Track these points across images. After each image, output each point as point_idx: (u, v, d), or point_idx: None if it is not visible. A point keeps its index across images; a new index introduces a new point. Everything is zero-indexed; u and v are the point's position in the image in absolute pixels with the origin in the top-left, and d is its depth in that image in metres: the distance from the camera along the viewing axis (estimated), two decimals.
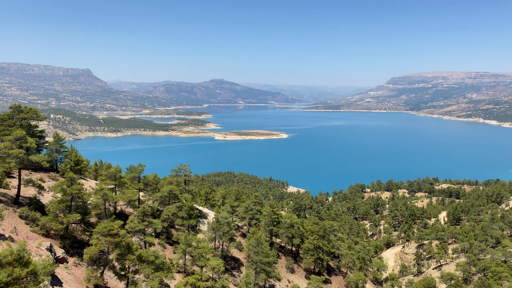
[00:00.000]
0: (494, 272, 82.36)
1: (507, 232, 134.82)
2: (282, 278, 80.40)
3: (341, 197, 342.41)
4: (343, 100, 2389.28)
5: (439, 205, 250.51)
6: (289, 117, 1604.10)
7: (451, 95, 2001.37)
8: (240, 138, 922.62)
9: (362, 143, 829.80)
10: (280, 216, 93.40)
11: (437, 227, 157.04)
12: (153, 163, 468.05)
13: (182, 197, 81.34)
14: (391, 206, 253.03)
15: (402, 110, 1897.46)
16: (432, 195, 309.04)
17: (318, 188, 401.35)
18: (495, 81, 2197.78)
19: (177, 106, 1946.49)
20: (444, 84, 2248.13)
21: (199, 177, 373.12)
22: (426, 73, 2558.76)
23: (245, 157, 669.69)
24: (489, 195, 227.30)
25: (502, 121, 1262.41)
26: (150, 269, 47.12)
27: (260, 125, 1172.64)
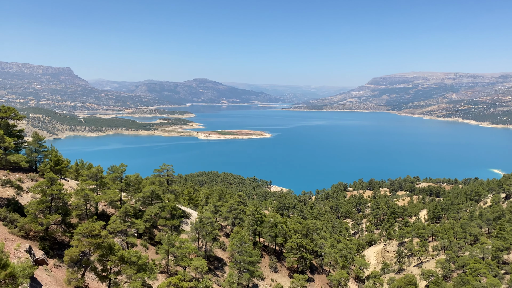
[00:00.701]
0: (473, 269, 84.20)
1: (485, 229, 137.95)
2: (265, 277, 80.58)
3: (324, 196, 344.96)
4: (325, 100, 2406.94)
5: (419, 204, 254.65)
6: (272, 116, 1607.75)
7: (431, 95, 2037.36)
8: (223, 138, 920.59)
9: (345, 143, 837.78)
10: (264, 215, 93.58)
11: (418, 225, 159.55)
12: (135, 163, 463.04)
13: (164, 197, 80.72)
14: (373, 204, 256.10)
15: (384, 110, 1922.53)
16: (413, 193, 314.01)
17: (301, 187, 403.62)
18: (473, 81, 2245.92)
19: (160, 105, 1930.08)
20: (425, 85, 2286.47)
21: (182, 177, 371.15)
22: (407, 73, 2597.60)
23: (228, 157, 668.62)
24: (467, 193, 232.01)
25: (480, 121, 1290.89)
26: (133, 270, 46.65)
27: (243, 124, 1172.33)
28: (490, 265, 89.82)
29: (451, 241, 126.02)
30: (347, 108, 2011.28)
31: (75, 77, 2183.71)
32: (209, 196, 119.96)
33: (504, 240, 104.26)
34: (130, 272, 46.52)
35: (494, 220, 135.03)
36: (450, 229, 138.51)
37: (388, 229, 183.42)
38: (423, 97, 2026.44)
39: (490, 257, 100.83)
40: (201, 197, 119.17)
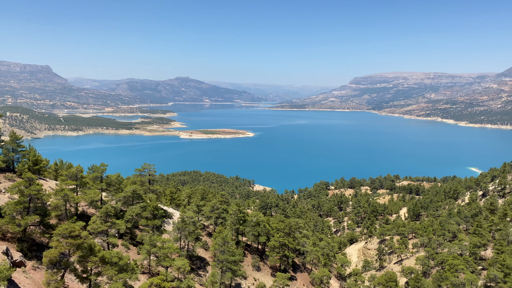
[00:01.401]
0: (451, 265, 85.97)
1: (463, 226, 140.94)
2: (248, 276, 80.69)
3: (306, 195, 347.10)
4: (308, 100, 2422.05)
5: (400, 202, 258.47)
6: (255, 115, 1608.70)
7: (411, 95, 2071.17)
8: (206, 137, 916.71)
9: (327, 142, 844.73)
10: (247, 214, 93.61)
11: (398, 223, 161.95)
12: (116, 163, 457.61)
13: (146, 197, 80.00)
14: (354, 203, 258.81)
15: (365, 109, 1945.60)
16: (393, 191, 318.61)
17: (284, 186, 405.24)
18: (452, 81, 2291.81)
19: (141, 104, 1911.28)
20: (405, 84, 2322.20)
21: (164, 176, 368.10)
22: (388, 73, 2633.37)
23: (211, 156, 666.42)
24: (446, 191, 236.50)
25: (459, 120, 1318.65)
26: (114, 270, 46.12)
27: (226, 123, 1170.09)
28: (467, 261, 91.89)
29: (430, 238, 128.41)
30: (329, 108, 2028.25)
31: (54, 75, 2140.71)
32: (191, 195, 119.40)
33: (481, 236, 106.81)
34: (111, 273, 45.98)
35: (471, 217, 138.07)
36: (430, 226, 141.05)
37: (369, 227, 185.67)
38: (403, 96, 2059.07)
39: (467, 254, 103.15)
40: (183, 197, 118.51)
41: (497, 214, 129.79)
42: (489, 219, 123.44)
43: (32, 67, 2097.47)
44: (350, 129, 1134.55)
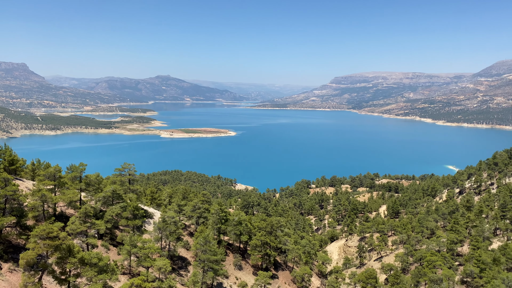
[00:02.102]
0: (429, 261, 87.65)
1: (441, 223, 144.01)
2: (230, 275, 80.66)
3: (287, 193, 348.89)
4: (289, 99, 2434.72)
5: (379, 199, 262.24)
6: (237, 114, 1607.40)
7: (390, 94, 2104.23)
8: (187, 136, 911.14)
9: (308, 141, 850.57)
10: (228, 213, 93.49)
11: (378, 220, 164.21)
12: (95, 162, 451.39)
13: (126, 197, 79.06)
14: (335, 201, 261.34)
15: (345, 108, 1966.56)
16: (373, 189, 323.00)
17: (266, 185, 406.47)
18: (430, 81, 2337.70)
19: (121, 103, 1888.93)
20: (384, 84, 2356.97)
21: (144, 176, 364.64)
22: (367, 73, 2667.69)
23: (192, 155, 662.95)
24: (424, 189, 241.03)
25: (436, 119, 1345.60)
26: (93, 271, 45.48)
27: (207, 122, 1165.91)
28: (445, 257, 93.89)
29: (409, 235, 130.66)
30: (310, 107, 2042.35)
31: (31, 73, 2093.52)
32: (172, 195, 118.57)
33: (458, 233, 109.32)
34: (90, 274, 45.34)
35: (449, 214, 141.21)
36: (408, 223, 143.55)
37: (349, 224, 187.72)
38: (383, 96, 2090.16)
39: (445, 250, 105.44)
40: (164, 197, 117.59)
41: (473, 211, 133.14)
42: (466, 216, 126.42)
43: (8, 64, 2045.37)
44: (331, 128, 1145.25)
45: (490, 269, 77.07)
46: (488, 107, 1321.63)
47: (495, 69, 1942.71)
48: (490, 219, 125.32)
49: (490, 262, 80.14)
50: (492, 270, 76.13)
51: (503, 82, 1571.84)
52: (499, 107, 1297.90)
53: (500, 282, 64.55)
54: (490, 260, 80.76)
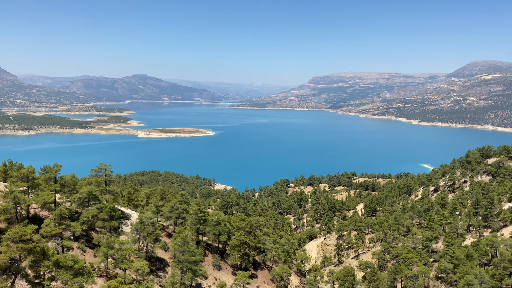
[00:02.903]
0: (405, 258, 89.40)
1: (416, 220, 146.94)
2: (209, 276, 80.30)
3: (267, 193, 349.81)
4: (268, 98, 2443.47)
5: (356, 198, 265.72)
6: (215, 114, 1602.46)
7: (367, 94, 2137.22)
8: (165, 136, 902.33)
9: (287, 140, 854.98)
10: (207, 214, 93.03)
11: (355, 219, 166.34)
12: (70, 163, 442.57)
13: (103, 198, 77.76)
14: (313, 200, 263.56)
15: (323, 108, 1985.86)
16: (350, 188, 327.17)
17: (245, 184, 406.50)
18: (405, 81, 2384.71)
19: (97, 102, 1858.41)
20: (361, 84, 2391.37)
21: (121, 176, 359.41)
22: (345, 73, 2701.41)
23: (170, 155, 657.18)
24: (400, 187, 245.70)
25: (412, 118, 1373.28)
26: (69, 274, 44.53)
27: (186, 122, 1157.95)
28: (420, 254, 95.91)
29: (385, 233, 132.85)
30: (288, 106, 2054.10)
31: (2, 71, 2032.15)
32: (150, 196, 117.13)
33: (433, 230, 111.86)
34: (66, 277, 44.37)
35: (424, 212, 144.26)
36: (385, 221, 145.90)
37: (327, 223, 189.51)
38: (360, 96, 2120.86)
39: (420, 247, 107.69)
40: (142, 197, 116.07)
41: (447, 208, 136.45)
42: (440, 213, 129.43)
43: None
44: (309, 127, 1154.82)
45: (464, 265, 79.15)
46: (461, 107, 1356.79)
47: (467, 70, 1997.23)
48: (463, 216, 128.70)
49: (464, 258, 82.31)
50: (465, 266, 78.20)
51: (475, 83, 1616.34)
52: (472, 107, 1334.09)
53: (473, 277, 66.35)
54: (464, 256, 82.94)
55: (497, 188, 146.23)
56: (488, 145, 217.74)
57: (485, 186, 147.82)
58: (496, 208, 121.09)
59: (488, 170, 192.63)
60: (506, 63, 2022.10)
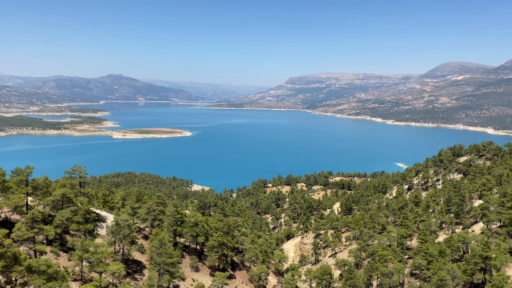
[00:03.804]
0: (381, 256, 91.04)
1: (391, 218, 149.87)
2: (186, 277, 79.79)
3: (244, 193, 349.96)
4: (245, 99, 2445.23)
5: (333, 197, 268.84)
6: (192, 114, 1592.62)
7: (343, 94, 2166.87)
8: (141, 137, 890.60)
9: (264, 140, 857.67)
10: (184, 215, 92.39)
11: (332, 217, 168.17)
12: (43, 165, 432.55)
13: (77, 201, 76.22)
14: (291, 199, 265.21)
15: (300, 108, 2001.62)
16: (327, 187, 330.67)
17: (222, 185, 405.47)
18: (380, 82, 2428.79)
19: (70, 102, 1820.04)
20: (337, 85, 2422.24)
21: (96, 178, 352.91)
22: (321, 74, 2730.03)
23: (146, 156, 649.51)
24: (376, 186, 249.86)
25: (386, 118, 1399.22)
26: (42, 279, 43.48)
27: (162, 122, 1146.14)
28: (395, 252, 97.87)
29: (361, 231, 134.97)
30: (266, 107, 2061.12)
31: None
32: (126, 197, 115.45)
33: (407, 228, 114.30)
34: (39, 282, 43.31)
35: (398, 210, 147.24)
36: (361, 220, 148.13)
37: (305, 222, 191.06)
38: (335, 96, 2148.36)
39: (395, 244, 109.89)
40: (117, 199, 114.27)
41: (421, 206, 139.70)
42: (414, 211, 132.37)
43: None
44: (287, 127, 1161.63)
45: (437, 261, 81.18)
46: (434, 107, 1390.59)
47: (439, 71, 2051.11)
48: (436, 213, 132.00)
49: (437, 254, 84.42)
50: (438, 262, 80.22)
51: (447, 83, 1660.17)
52: (444, 107, 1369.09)
53: (446, 273, 68.15)
54: (437, 253, 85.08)
55: (468, 185, 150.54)
56: (460, 144, 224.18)
57: (456, 184, 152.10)
58: (467, 205, 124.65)
59: (459, 168, 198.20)
60: (476, 64, 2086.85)
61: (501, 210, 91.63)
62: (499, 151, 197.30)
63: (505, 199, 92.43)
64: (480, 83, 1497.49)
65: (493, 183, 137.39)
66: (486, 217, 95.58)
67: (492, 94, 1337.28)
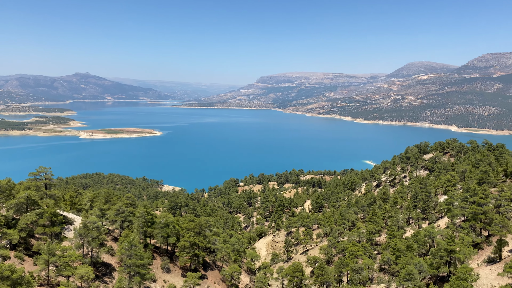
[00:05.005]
0: (351, 252, 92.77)
1: (360, 215, 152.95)
2: (157, 279, 78.89)
3: (216, 193, 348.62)
4: (216, 98, 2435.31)
5: (304, 195, 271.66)
6: (162, 114, 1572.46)
7: (313, 94, 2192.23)
8: (109, 137, 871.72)
9: (236, 139, 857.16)
10: (155, 216, 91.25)
11: (303, 215, 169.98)
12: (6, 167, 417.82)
13: (43, 203, 73.95)
14: (263, 198, 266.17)
15: (271, 107, 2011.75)
16: (298, 185, 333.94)
17: (194, 185, 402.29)
18: (348, 81, 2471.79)
19: (35, 102, 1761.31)
20: (307, 84, 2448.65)
21: (63, 180, 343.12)
22: (291, 73, 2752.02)
23: (115, 157, 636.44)
24: (345, 183, 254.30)
25: (355, 117, 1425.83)
26: (5, 285, 41.98)
27: (131, 122, 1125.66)
28: (365, 247, 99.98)
29: (332, 228, 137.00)
30: (237, 106, 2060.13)
31: None
32: (94, 199, 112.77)
33: (376, 224, 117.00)
34: None
35: (367, 207, 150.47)
36: (331, 217, 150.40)
37: (276, 220, 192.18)
38: (306, 95, 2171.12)
39: (365, 240, 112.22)
40: (85, 201, 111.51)
41: (389, 202, 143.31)
42: (382, 207, 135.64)
43: None
44: (258, 126, 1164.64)
45: (404, 256, 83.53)
46: (401, 106, 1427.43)
47: (406, 70, 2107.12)
48: (403, 209, 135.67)
49: (404, 249, 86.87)
50: (406, 257, 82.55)
51: (413, 82, 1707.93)
52: (410, 105, 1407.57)
53: (413, 267, 70.20)
54: (404, 248, 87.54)
55: (433, 182, 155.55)
56: (425, 142, 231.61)
57: (423, 181, 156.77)
58: (433, 201, 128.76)
59: (425, 165, 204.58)
60: (440, 64, 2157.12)
61: (464, 205, 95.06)
62: (462, 148, 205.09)
63: (468, 194, 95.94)
64: (444, 83, 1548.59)
65: (457, 179, 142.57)
66: (451, 212, 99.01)
67: (456, 93, 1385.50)
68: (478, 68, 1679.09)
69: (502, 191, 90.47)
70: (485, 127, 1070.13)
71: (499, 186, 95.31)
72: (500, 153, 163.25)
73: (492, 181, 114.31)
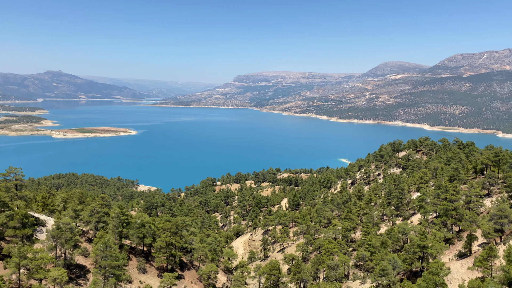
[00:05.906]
0: (327, 249, 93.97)
1: (336, 212, 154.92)
2: (133, 280, 77.94)
3: (193, 192, 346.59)
4: (193, 96, 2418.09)
5: (281, 193, 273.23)
6: (137, 112, 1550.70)
7: (289, 93, 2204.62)
8: (82, 136, 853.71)
9: (213, 138, 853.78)
10: (130, 216, 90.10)
11: (280, 213, 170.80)
12: None
13: (13, 205, 71.88)
14: (240, 197, 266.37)
15: (248, 106, 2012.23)
16: (275, 184, 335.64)
17: (170, 185, 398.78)
18: (324, 81, 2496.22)
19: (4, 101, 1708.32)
20: (283, 83, 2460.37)
21: (34, 180, 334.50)
22: (268, 72, 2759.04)
23: (89, 157, 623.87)
24: (321, 181, 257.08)
25: (330, 116, 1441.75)
26: None
27: (105, 121, 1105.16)
28: (341, 244, 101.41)
29: (308, 226, 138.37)
30: (214, 105, 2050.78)
31: None
32: (67, 200, 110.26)
33: (351, 221, 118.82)
34: None
35: (343, 204, 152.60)
36: (308, 214, 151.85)
37: (253, 219, 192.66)
38: (282, 94, 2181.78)
39: (340, 237, 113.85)
40: (58, 202, 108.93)
41: (364, 200, 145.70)
42: (357, 204, 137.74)
43: None
44: (235, 125, 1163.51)
45: (379, 252, 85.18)
46: (375, 105, 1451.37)
47: (379, 70, 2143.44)
48: (378, 206, 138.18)
49: (379, 246, 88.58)
50: (380, 253, 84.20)
51: (387, 82, 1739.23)
52: (384, 104, 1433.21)
53: (387, 263, 71.64)
54: (379, 244, 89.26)
55: (407, 179, 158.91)
56: (399, 140, 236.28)
57: (396, 178, 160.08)
58: (406, 198, 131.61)
59: (399, 163, 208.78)
60: (413, 64, 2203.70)
61: (436, 202, 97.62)
62: (434, 146, 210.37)
63: (439, 191, 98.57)
64: (416, 82, 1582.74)
65: (429, 176, 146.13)
66: (423, 209, 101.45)
67: (428, 92, 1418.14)
68: (449, 68, 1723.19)
69: (472, 188, 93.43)
70: (456, 126, 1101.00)
71: (469, 182, 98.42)
72: (470, 150, 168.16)
73: (463, 178, 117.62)
